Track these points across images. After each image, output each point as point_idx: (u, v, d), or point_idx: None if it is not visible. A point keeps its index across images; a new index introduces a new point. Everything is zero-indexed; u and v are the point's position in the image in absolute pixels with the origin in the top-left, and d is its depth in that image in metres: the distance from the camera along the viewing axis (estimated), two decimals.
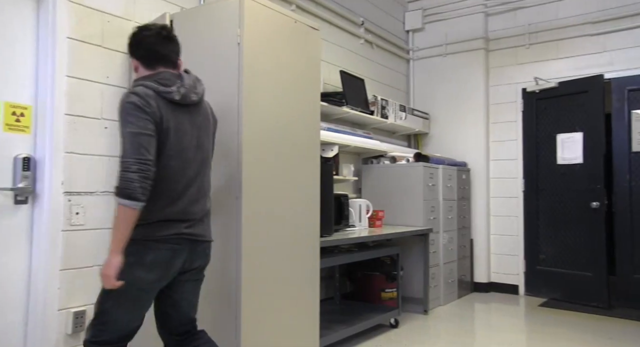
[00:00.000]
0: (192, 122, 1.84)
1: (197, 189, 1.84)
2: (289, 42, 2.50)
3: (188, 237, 1.78)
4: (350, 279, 4.21)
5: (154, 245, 1.71)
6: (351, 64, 4.60)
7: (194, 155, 1.83)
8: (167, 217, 1.74)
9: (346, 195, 3.60)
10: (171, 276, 1.79)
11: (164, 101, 1.75)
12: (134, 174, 1.61)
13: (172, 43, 1.87)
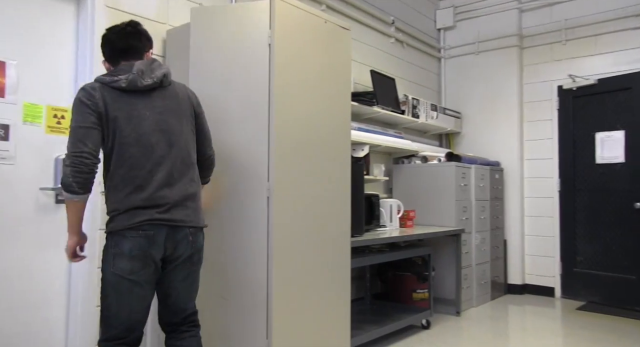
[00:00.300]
0: (152, 107, 1.79)
1: (167, 173, 1.78)
2: (319, 42, 2.50)
3: (162, 222, 1.73)
4: (381, 280, 4.19)
5: (129, 233, 1.70)
6: (382, 64, 4.57)
7: (157, 140, 1.77)
8: (135, 204, 1.72)
9: (377, 195, 3.58)
10: (156, 264, 1.76)
11: (113, 91, 1.75)
12: (67, 168, 1.68)
13: (135, 37, 1.87)
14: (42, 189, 2.45)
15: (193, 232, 1.83)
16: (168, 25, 2.89)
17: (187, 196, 1.82)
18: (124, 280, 1.72)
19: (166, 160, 1.79)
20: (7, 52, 2.36)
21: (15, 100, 2.37)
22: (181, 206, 1.79)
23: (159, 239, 1.73)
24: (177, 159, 1.82)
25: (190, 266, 1.86)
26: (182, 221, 1.78)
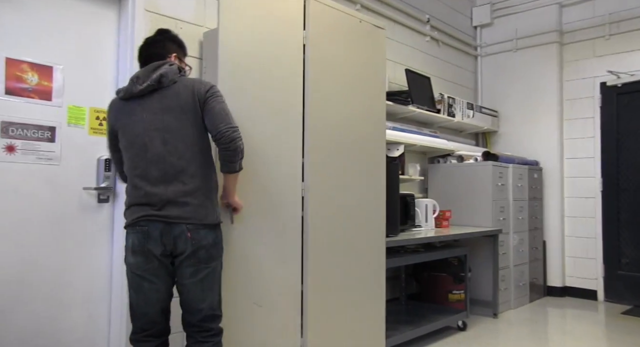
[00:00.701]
0: (149, 108, 1.84)
1: (161, 170, 1.79)
2: (353, 41, 2.49)
3: (157, 218, 1.75)
4: (416, 280, 4.15)
5: (130, 229, 1.81)
6: (417, 62, 4.52)
7: (151, 139, 1.80)
8: (133, 201, 1.83)
9: (412, 195, 3.55)
10: (159, 259, 1.77)
11: (119, 101, 1.93)
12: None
13: (158, 45, 1.96)
14: (85, 188, 2.53)
15: (192, 228, 1.78)
16: (205, 27, 2.94)
17: (185, 192, 1.79)
18: (134, 275, 1.81)
19: (160, 158, 1.80)
20: (54, 58, 2.46)
21: (61, 103, 2.47)
22: (178, 202, 1.78)
23: (154, 235, 1.76)
24: (173, 155, 1.81)
25: (196, 262, 1.80)
26: (177, 217, 1.76)
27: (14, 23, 2.34)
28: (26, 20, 2.38)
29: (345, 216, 2.41)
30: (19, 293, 2.32)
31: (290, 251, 2.26)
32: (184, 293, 1.83)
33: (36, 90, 2.40)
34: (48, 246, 2.41)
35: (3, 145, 2.29)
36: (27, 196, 2.35)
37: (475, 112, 4.75)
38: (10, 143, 2.31)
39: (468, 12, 5.30)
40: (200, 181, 1.84)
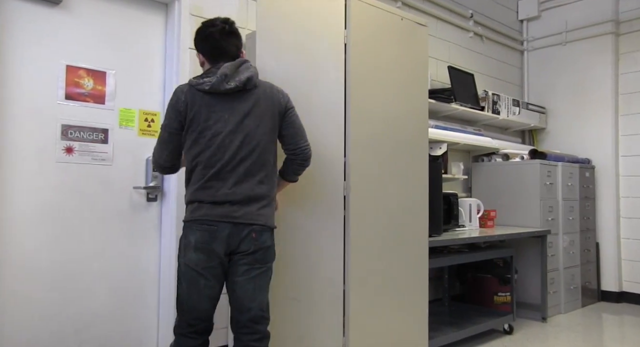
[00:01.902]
0: (230, 109, 1.84)
1: (236, 173, 1.82)
2: (395, 39, 2.48)
3: (227, 220, 1.78)
4: (460, 281, 4.07)
5: (195, 226, 1.79)
6: (459, 59, 4.44)
7: (230, 141, 1.82)
8: (202, 198, 1.80)
9: (455, 194, 3.49)
10: (218, 260, 1.80)
11: (198, 93, 1.84)
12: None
13: (234, 37, 1.93)
14: (135, 188, 2.64)
15: (258, 230, 1.83)
16: (247, 29, 2.99)
17: (254, 196, 1.84)
18: (192, 270, 1.79)
19: (237, 161, 1.83)
20: (107, 63, 2.57)
21: (113, 106, 2.58)
22: (247, 204, 1.82)
23: (221, 235, 1.78)
24: (248, 160, 1.84)
25: (252, 261, 1.83)
26: (247, 219, 1.81)
27: (72, 32, 2.47)
28: (82, 29, 2.50)
29: (387, 215, 2.40)
30: (75, 286, 2.44)
31: (332, 250, 2.27)
32: (236, 290, 1.84)
33: (91, 94, 2.52)
34: (101, 242, 2.52)
35: (63, 147, 2.42)
36: (83, 195, 2.47)
37: (521, 108, 4.61)
38: (69, 145, 2.44)
39: (513, 5, 5.15)
40: (268, 187, 1.89)
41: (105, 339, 2.53)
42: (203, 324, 1.85)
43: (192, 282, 1.80)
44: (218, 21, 1.93)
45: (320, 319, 2.29)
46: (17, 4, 2.32)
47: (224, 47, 1.90)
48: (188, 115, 1.83)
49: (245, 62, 1.90)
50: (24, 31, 2.34)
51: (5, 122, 2.28)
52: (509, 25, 5.07)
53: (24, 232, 2.31)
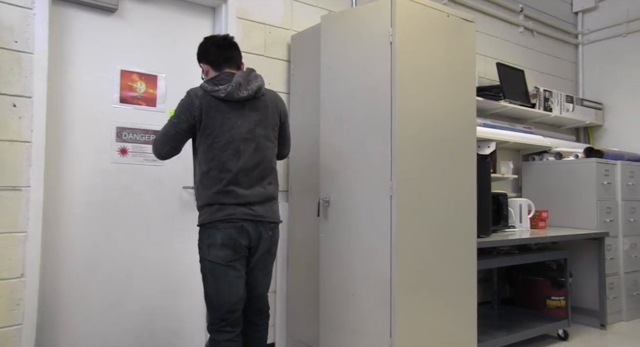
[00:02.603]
0: (243, 116, 1.98)
1: (251, 177, 1.98)
2: (442, 37, 2.44)
3: (249, 217, 1.95)
4: (510, 283, 3.95)
5: (221, 225, 1.92)
6: (509, 55, 4.31)
7: (245, 147, 1.97)
8: (224, 201, 1.93)
9: (505, 194, 3.39)
10: (244, 252, 1.96)
11: (212, 99, 1.94)
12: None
13: (234, 48, 2.08)
14: (185, 187, 2.72)
15: (272, 227, 2.05)
16: (292, 30, 3.02)
17: (267, 196, 2.03)
18: (221, 266, 1.92)
19: (251, 165, 1.98)
20: (158, 67, 2.67)
21: (164, 108, 2.67)
22: (262, 204, 2.01)
23: (245, 231, 1.94)
24: (259, 164, 2.01)
25: (268, 256, 2.07)
26: (263, 216, 1.99)
27: (126, 38, 2.58)
28: (135, 34, 2.61)
29: (434, 215, 2.36)
30: (129, 282, 2.54)
31: (381, 249, 2.26)
32: (253, 281, 2.04)
33: (144, 97, 2.62)
34: (153, 239, 2.62)
35: (117, 149, 2.53)
36: (135, 194, 2.57)
37: (575, 105, 4.41)
38: (123, 146, 2.55)
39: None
40: (274, 187, 2.09)
41: (158, 335, 2.63)
42: (234, 316, 1.95)
43: (221, 276, 1.93)
44: (219, 36, 2.12)
45: (370, 317, 2.30)
46: (76, 13, 2.44)
47: (228, 55, 2.05)
48: (203, 120, 1.94)
49: (252, 71, 2.06)
50: (82, 38, 2.46)
51: (66, 125, 2.40)
52: (563, 18, 4.87)
53: (81, 229, 2.42)
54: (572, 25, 4.97)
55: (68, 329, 2.38)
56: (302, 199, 2.81)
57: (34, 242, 2.18)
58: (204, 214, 1.97)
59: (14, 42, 2.18)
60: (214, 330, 1.95)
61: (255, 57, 2.87)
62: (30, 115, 2.20)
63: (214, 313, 1.95)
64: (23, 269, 2.16)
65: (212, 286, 1.94)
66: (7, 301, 2.13)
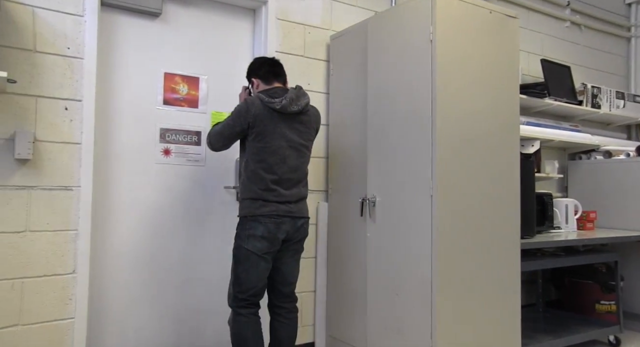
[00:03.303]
0: (291, 127, 2.23)
1: (291, 180, 2.22)
2: (484, 34, 2.39)
3: (287, 214, 2.19)
4: (555, 286, 3.83)
5: (262, 219, 2.15)
6: (554, 51, 4.17)
7: (289, 154, 2.22)
8: (268, 198, 2.17)
9: (550, 194, 3.28)
10: (278, 246, 2.20)
11: (267, 109, 2.18)
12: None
13: (281, 67, 2.37)
14: (226, 187, 2.77)
15: (306, 221, 2.30)
16: (331, 30, 3.03)
17: (301, 196, 2.29)
18: (256, 256, 2.16)
19: (293, 170, 2.23)
20: (200, 69, 2.73)
21: (205, 109, 2.73)
22: (298, 202, 2.26)
23: (284, 226, 2.18)
24: (298, 169, 2.27)
25: (299, 247, 2.32)
26: (299, 213, 2.25)
27: (169, 41, 2.65)
28: (177, 37, 2.68)
29: (475, 215, 2.32)
30: (171, 279, 2.62)
31: (422, 249, 2.24)
32: (283, 269, 2.28)
33: (186, 99, 2.69)
34: (194, 238, 2.68)
35: (161, 149, 2.61)
36: (178, 194, 2.64)
37: (626, 101, 4.22)
38: (166, 147, 2.62)
39: None
40: (306, 188, 2.35)
41: (199, 331, 2.69)
42: (257, 298, 2.22)
43: (254, 264, 2.17)
44: (266, 57, 2.40)
45: (412, 317, 2.29)
46: (123, 18, 2.53)
47: (277, 71, 2.33)
48: (256, 127, 2.18)
49: (301, 88, 2.29)
50: (128, 43, 2.55)
51: (113, 127, 2.50)
52: (613, 11, 4.67)
53: (126, 227, 2.51)
54: (624, 17, 4.76)
55: (115, 324, 2.47)
56: (342, 199, 2.81)
57: (84, 240, 2.27)
58: (248, 207, 2.19)
59: (67, 48, 2.28)
60: (238, 306, 2.19)
61: (294, 57, 2.89)
62: (80, 118, 2.29)
63: (240, 293, 2.18)
64: (74, 265, 2.26)
65: (244, 271, 2.17)
66: (60, 295, 2.23)
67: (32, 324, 2.18)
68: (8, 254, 2.14)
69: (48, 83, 2.23)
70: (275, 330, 2.30)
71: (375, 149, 2.53)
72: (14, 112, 2.16)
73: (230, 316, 2.23)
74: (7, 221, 2.14)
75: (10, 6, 2.17)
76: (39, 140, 2.21)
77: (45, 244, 2.21)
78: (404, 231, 2.34)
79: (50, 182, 2.23)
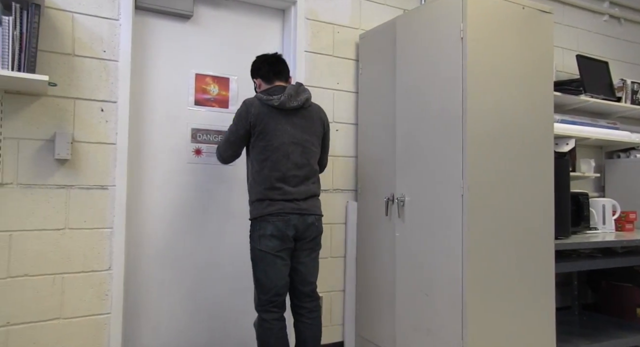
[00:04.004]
0: (292, 123, 2.22)
1: (297, 176, 2.21)
2: (516, 30, 2.34)
3: (295, 211, 2.17)
4: (592, 288, 3.71)
5: (271, 218, 2.15)
6: (591, 46, 4.05)
7: (293, 149, 2.20)
8: (274, 197, 2.16)
9: (586, 194, 3.19)
10: (290, 243, 2.18)
11: (267, 107, 2.19)
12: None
13: (282, 64, 2.33)
14: None
15: (317, 219, 2.27)
16: (360, 29, 3.03)
17: (311, 193, 2.26)
18: (270, 255, 2.16)
19: (298, 166, 2.21)
20: (230, 70, 2.77)
21: (235, 110, 2.77)
22: (308, 199, 2.24)
23: (292, 223, 2.17)
24: (305, 166, 2.24)
25: (314, 245, 2.28)
26: (308, 210, 2.22)
27: (199, 42, 2.70)
28: (208, 39, 2.72)
29: (507, 215, 2.28)
30: (202, 275, 2.67)
31: (451, 248, 2.22)
32: (301, 269, 2.26)
33: (216, 99, 2.74)
34: (224, 235, 2.73)
35: (192, 149, 2.66)
36: (208, 192, 2.69)
37: None
38: (197, 147, 2.67)
39: None
40: (317, 186, 2.32)
41: (228, 327, 2.73)
42: (281, 298, 2.20)
43: (270, 263, 2.16)
44: (269, 54, 2.36)
45: (443, 318, 2.27)
46: (155, 21, 2.59)
47: (277, 69, 2.30)
48: (257, 126, 2.19)
49: (301, 85, 2.28)
50: (161, 45, 2.61)
51: (146, 127, 2.56)
52: None
53: (160, 224, 2.57)
54: None
55: (149, 319, 2.54)
56: (372, 198, 2.81)
57: (119, 237, 2.34)
58: (256, 208, 2.21)
59: (103, 51, 2.35)
60: (263, 310, 2.19)
61: (323, 57, 2.90)
62: (115, 119, 2.36)
63: (263, 295, 2.19)
64: (110, 262, 2.33)
65: (262, 271, 2.18)
66: (98, 291, 2.31)
67: (72, 318, 2.26)
68: (49, 250, 2.22)
69: (85, 85, 2.31)
70: (299, 331, 2.29)
71: (404, 147, 2.52)
72: (54, 114, 2.24)
73: (256, 319, 2.23)
74: (48, 219, 2.22)
75: (52, 13, 2.25)
76: (77, 141, 2.29)
77: (83, 241, 2.29)
78: (434, 230, 2.32)
79: (87, 182, 2.30)
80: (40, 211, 2.21)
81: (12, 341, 2.14)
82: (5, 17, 1.93)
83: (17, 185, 2.18)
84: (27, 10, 1.98)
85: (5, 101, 2.15)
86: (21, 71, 1.95)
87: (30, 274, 2.18)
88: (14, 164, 2.17)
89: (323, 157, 2.42)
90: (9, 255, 2.15)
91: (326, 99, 2.90)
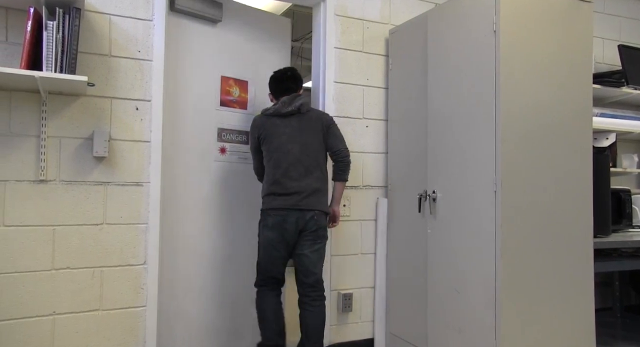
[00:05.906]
0: (289, 126, 2.42)
1: (298, 171, 2.38)
2: (552, 21, 2.27)
3: (295, 207, 2.35)
4: (635, 289, 3.57)
5: (271, 212, 2.37)
6: (633, 36, 3.88)
7: (292, 147, 2.39)
8: (275, 191, 2.37)
9: (628, 190, 3.07)
10: (291, 236, 2.37)
11: (266, 118, 2.46)
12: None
13: (290, 81, 2.51)
14: None
15: (318, 214, 2.40)
16: (390, 25, 3.00)
17: (313, 188, 2.40)
18: (268, 244, 2.39)
19: (297, 162, 2.39)
20: (247, 74, 2.83)
21: (253, 111, 2.83)
22: (308, 195, 2.38)
23: (290, 219, 2.35)
24: (306, 162, 2.40)
25: (315, 237, 2.41)
26: (307, 205, 2.37)
27: (223, 45, 2.75)
28: (234, 41, 2.76)
29: (542, 212, 2.22)
30: (229, 267, 2.74)
31: (484, 245, 2.18)
32: (303, 260, 2.41)
33: (238, 101, 2.82)
34: (249, 230, 2.79)
35: (218, 148, 2.73)
36: (233, 189, 2.76)
37: None
38: (222, 146, 2.75)
39: None
40: (321, 181, 2.45)
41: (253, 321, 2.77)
42: (274, 280, 2.47)
43: (267, 251, 2.41)
44: (283, 70, 2.55)
45: (475, 316, 2.24)
46: (187, 23, 2.65)
47: (284, 87, 2.50)
48: (262, 135, 2.45)
49: (299, 96, 2.49)
50: (192, 46, 2.66)
51: (178, 126, 2.62)
52: None
53: (189, 220, 2.64)
54: None
55: (181, 312, 2.60)
56: (402, 195, 2.79)
57: (154, 233, 2.41)
58: (264, 202, 2.42)
59: (137, 51, 2.41)
60: (261, 286, 2.47)
61: (353, 53, 2.89)
62: (149, 118, 2.42)
63: (260, 274, 2.46)
64: (145, 256, 2.40)
65: (262, 256, 2.44)
66: (133, 284, 2.38)
67: (110, 309, 2.34)
68: (88, 244, 2.31)
69: (121, 85, 2.38)
70: (303, 318, 2.43)
71: (436, 143, 2.49)
72: (92, 113, 2.32)
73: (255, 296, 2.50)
74: (87, 214, 2.31)
75: (90, 16, 2.33)
76: (114, 139, 2.36)
77: (120, 236, 2.36)
78: (466, 227, 2.28)
79: (123, 178, 2.38)
80: (80, 207, 2.29)
81: (58, 330, 2.24)
82: (49, 22, 2.01)
83: (60, 182, 2.27)
84: (69, 14, 2.05)
85: (49, 101, 2.25)
86: (63, 72, 2.03)
87: (72, 266, 2.28)
88: (57, 161, 2.26)
89: (334, 144, 2.49)
90: (53, 248, 2.24)
91: (356, 95, 2.89)
